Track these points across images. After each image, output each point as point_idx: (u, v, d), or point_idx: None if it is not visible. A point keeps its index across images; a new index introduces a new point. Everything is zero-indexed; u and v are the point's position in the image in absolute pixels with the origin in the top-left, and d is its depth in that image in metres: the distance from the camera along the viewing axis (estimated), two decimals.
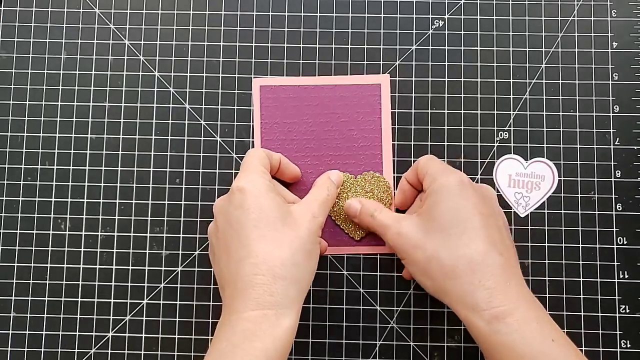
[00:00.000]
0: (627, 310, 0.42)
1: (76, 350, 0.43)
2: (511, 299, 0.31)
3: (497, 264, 0.32)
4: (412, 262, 0.36)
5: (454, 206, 0.34)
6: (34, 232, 0.44)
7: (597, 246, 0.43)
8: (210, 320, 0.43)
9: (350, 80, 0.45)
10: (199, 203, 0.44)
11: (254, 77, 0.45)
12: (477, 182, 0.44)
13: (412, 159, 0.44)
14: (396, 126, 0.45)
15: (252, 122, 0.45)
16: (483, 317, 0.31)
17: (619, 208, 0.43)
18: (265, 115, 0.44)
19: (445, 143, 0.44)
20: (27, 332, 0.43)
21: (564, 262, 0.43)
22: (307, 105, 0.45)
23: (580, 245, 0.43)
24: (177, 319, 0.43)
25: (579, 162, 0.44)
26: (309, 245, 0.35)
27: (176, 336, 0.43)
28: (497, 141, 0.44)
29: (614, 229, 0.43)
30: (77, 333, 0.43)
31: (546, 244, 0.43)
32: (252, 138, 0.45)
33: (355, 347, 0.43)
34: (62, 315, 0.43)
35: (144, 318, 0.43)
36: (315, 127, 0.44)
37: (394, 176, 0.44)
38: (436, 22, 0.46)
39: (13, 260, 0.44)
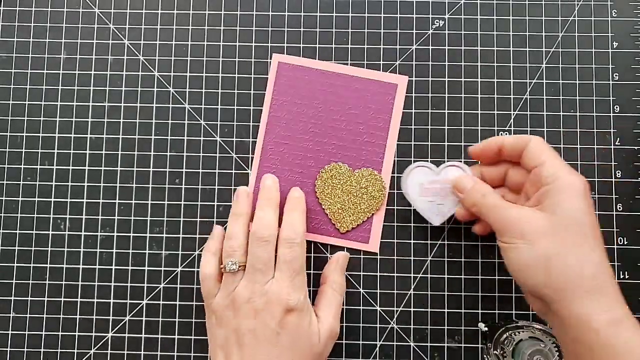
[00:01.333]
0: None
1: (76, 351, 0.43)
2: (624, 306, 0.32)
3: (611, 272, 0.33)
4: (528, 250, 0.34)
5: (581, 209, 0.33)
6: (34, 232, 0.44)
7: None
8: None
9: (368, 74, 0.45)
10: (199, 203, 0.44)
11: (274, 55, 0.45)
12: None
13: (412, 159, 0.44)
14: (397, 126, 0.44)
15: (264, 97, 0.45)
16: (600, 320, 0.31)
17: (619, 208, 0.43)
18: (277, 92, 0.44)
19: (446, 143, 0.44)
20: (26, 332, 0.43)
21: None
22: (321, 90, 0.44)
23: None
24: (176, 320, 0.43)
25: (579, 162, 0.44)
26: None
27: (176, 336, 0.43)
28: None
29: (614, 229, 0.43)
30: (77, 333, 0.43)
31: None
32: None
33: (355, 347, 0.43)
34: (61, 316, 0.43)
35: (144, 318, 0.43)
36: (324, 112, 0.44)
37: (392, 176, 0.44)
38: (436, 22, 0.45)
39: (13, 260, 0.44)
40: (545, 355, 0.38)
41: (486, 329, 0.40)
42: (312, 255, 0.44)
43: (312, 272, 0.43)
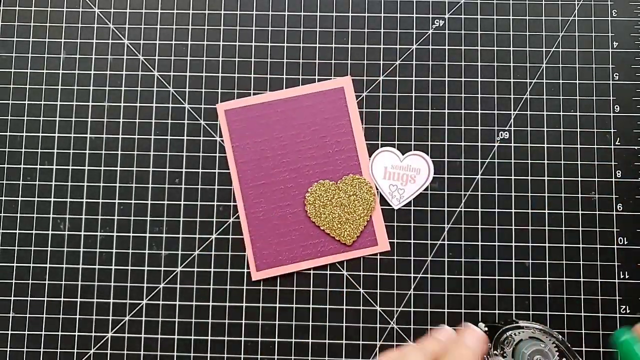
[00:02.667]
0: (628, 311, 0.42)
1: (75, 351, 0.43)
2: None
3: None
4: None
5: None
6: (33, 232, 0.44)
7: (598, 246, 0.43)
8: (210, 320, 0.43)
9: (313, 88, 0.45)
10: (199, 203, 0.44)
11: (217, 104, 0.45)
12: (477, 182, 0.44)
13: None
14: (396, 126, 0.44)
15: (225, 149, 0.45)
16: None
17: (620, 208, 0.43)
18: (235, 139, 0.44)
19: (446, 143, 0.44)
20: (26, 332, 0.43)
21: (564, 262, 0.43)
22: (275, 120, 0.44)
23: (581, 245, 0.43)
24: (176, 320, 0.43)
25: (579, 162, 0.44)
26: None
27: (175, 336, 0.43)
28: (497, 141, 0.44)
29: (614, 229, 0.43)
30: (77, 333, 0.43)
31: (546, 244, 0.43)
32: (229, 169, 0.44)
33: (355, 347, 0.43)
34: (61, 316, 0.43)
35: (144, 318, 0.43)
36: (287, 140, 0.44)
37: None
38: (436, 22, 0.45)
39: (12, 260, 0.44)
40: (545, 355, 0.38)
41: (486, 328, 0.40)
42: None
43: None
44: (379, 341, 0.43)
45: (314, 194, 0.44)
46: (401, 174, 0.44)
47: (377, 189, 0.44)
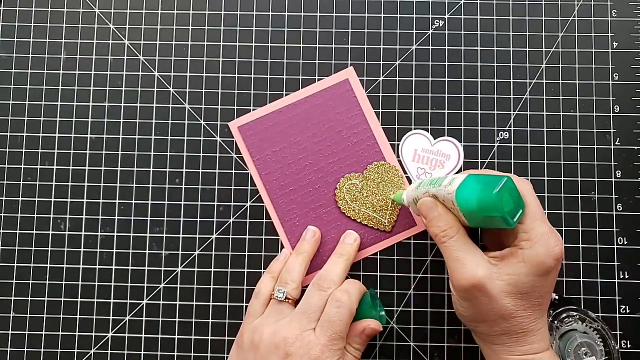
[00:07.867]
0: (627, 311, 0.42)
1: (76, 351, 0.43)
2: (542, 350, 0.35)
3: (543, 329, 0.35)
4: (473, 310, 0.35)
5: (538, 285, 0.34)
6: (34, 232, 0.44)
7: (597, 246, 0.43)
8: (210, 320, 0.43)
9: (319, 86, 0.45)
10: (199, 203, 0.44)
11: (230, 123, 0.45)
12: None
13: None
14: (396, 126, 0.44)
15: (246, 166, 0.45)
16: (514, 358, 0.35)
17: (619, 208, 0.43)
18: (254, 152, 0.44)
19: None
20: (26, 332, 0.43)
21: (564, 262, 0.43)
22: (289, 126, 0.44)
23: (581, 245, 0.43)
24: (176, 319, 0.43)
25: (579, 162, 0.44)
26: None
27: (176, 336, 0.43)
28: (497, 141, 0.44)
29: (614, 229, 0.43)
30: (77, 333, 0.43)
31: None
32: (254, 185, 0.44)
33: None
34: (61, 316, 0.43)
35: (144, 318, 0.43)
36: (305, 143, 0.44)
37: (398, 159, 0.44)
38: (436, 22, 0.46)
39: (13, 260, 0.44)
40: (591, 347, 0.38)
41: (557, 297, 0.41)
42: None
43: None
44: (379, 341, 0.43)
45: (342, 189, 0.44)
46: (430, 158, 0.44)
47: (404, 170, 0.44)
